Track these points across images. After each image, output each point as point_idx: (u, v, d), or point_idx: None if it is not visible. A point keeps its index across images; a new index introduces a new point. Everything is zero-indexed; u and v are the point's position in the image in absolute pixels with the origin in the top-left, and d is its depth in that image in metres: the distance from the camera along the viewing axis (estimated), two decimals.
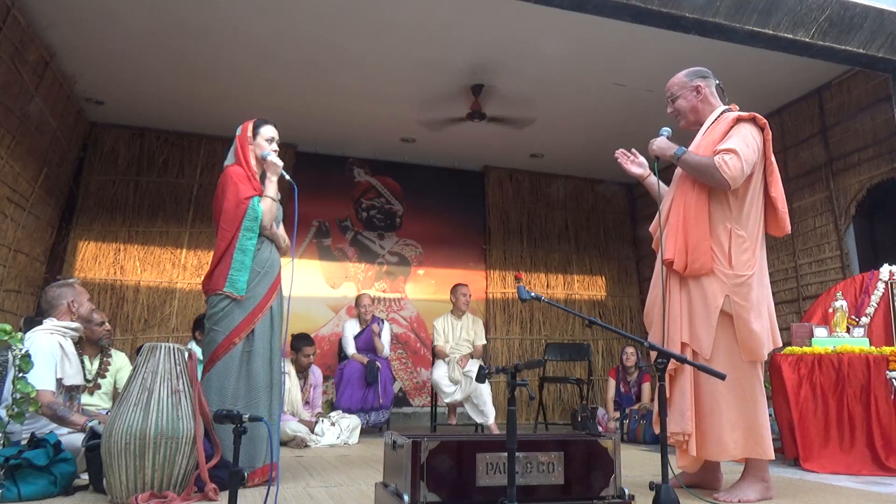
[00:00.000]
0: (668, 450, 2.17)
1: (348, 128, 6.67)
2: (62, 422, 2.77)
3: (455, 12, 4.59)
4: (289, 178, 2.96)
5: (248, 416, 1.92)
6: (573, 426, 5.99)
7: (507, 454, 1.74)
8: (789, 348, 3.68)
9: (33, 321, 3.30)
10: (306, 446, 4.38)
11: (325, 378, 5.70)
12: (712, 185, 2.62)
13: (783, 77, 5.39)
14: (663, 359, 2.20)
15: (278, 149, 3.04)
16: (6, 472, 2.34)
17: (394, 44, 5.02)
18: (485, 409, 5.17)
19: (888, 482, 3.07)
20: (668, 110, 2.91)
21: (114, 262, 6.33)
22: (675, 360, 2.36)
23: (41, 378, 2.68)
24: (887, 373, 3.44)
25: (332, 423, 4.67)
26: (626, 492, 2.04)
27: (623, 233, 8.26)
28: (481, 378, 1.94)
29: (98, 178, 6.41)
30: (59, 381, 2.81)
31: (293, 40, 4.97)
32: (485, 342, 5.70)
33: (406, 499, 1.85)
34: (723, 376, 2.20)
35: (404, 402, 6.99)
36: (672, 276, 2.71)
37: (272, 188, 2.91)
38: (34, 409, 2.63)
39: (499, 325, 7.47)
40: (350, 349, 5.50)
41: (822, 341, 3.70)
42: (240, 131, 3.00)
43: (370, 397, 5.24)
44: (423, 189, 7.59)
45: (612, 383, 5.85)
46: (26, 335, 2.78)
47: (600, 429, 5.48)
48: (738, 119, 2.66)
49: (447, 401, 5.36)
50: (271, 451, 2.67)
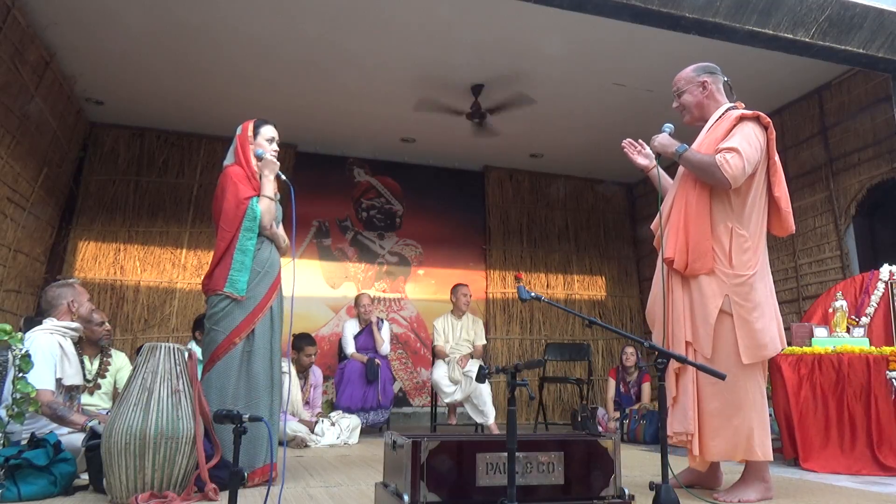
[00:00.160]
0: (667, 450, 2.17)
1: (348, 128, 6.67)
2: (62, 422, 2.77)
3: (455, 12, 4.60)
4: (284, 178, 2.96)
5: (248, 416, 1.92)
6: (573, 426, 5.99)
7: (507, 454, 1.74)
8: (789, 348, 3.67)
9: (33, 321, 3.30)
10: (306, 446, 4.38)
11: (326, 378, 5.69)
12: (713, 184, 2.61)
13: (783, 77, 5.39)
14: (663, 359, 2.20)
15: (278, 149, 3.04)
16: (6, 472, 2.34)
17: (394, 44, 5.02)
18: (485, 409, 5.17)
19: (888, 482, 3.07)
20: (674, 104, 2.89)
21: (114, 262, 6.33)
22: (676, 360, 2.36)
23: (41, 378, 2.68)
24: (887, 373, 3.44)
25: (332, 423, 4.67)
26: (626, 492, 2.04)
27: (623, 233, 8.26)
28: (481, 378, 1.93)
29: (98, 178, 6.41)
30: (58, 380, 2.80)
31: (293, 40, 4.97)
32: (485, 342, 5.70)
33: (406, 499, 1.85)
34: (723, 376, 2.19)
35: (404, 402, 6.99)
36: (675, 275, 2.69)
37: (269, 187, 2.90)
38: (34, 408, 2.63)
39: (499, 325, 7.47)
40: (350, 348, 5.50)
41: (822, 341, 3.70)
42: (240, 131, 3.00)
43: (370, 396, 5.24)
44: (423, 189, 7.59)
45: (612, 383, 5.85)
46: (26, 335, 2.78)
47: (600, 429, 5.48)
48: (742, 117, 2.64)
49: (447, 401, 5.36)
50: (272, 452, 2.67)
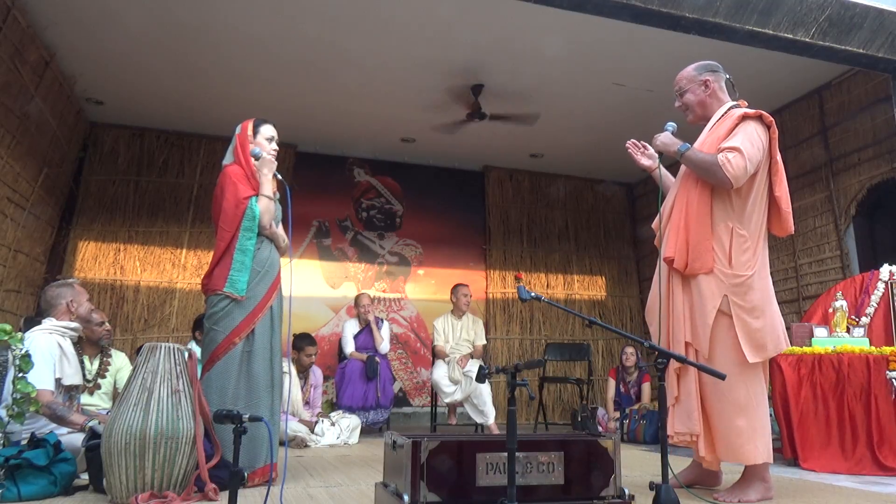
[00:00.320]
0: (668, 450, 2.17)
1: (348, 128, 6.67)
2: (62, 421, 2.77)
3: (455, 12, 4.59)
4: (280, 178, 2.95)
5: (248, 416, 1.92)
6: (573, 426, 5.99)
7: (507, 454, 1.74)
8: (789, 348, 3.67)
9: (33, 321, 3.30)
10: (306, 446, 4.38)
11: (326, 378, 5.69)
12: (715, 184, 2.59)
13: (783, 77, 5.39)
14: (663, 359, 2.20)
15: (277, 148, 3.04)
16: (6, 472, 2.34)
17: (394, 44, 5.02)
18: (485, 409, 5.17)
19: (888, 482, 3.07)
20: (676, 104, 2.87)
21: (114, 262, 6.33)
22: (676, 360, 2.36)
23: (40, 378, 2.68)
24: (887, 373, 3.44)
25: (332, 423, 4.67)
26: (626, 492, 2.04)
27: (623, 233, 8.26)
28: (481, 378, 1.93)
29: (98, 178, 6.41)
30: (58, 380, 2.80)
31: (293, 40, 4.97)
32: (485, 342, 5.70)
33: (406, 499, 1.85)
34: (722, 376, 2.19)
35: (404, 402, 6.99)
36: (675, 275, 2.69)
37: (268, 186, 2.89)
38: (34, 408, 2.63)
39: (499, 325, 7.47)
40: (349, 348, 5.50)
41: (822, 341, 3.70)
42: (239, 130, 2.99)
43: (370, 394, 5.24)
44: (423, 189, 7.59)
45: (611, 383, 5.85)
46: (25, 335, 2.78)
47: (600, 429, 5.48)
48: (745, 116, 2.62)
49: (447, 401, 5.36)
50: (272, 452, 2.67)
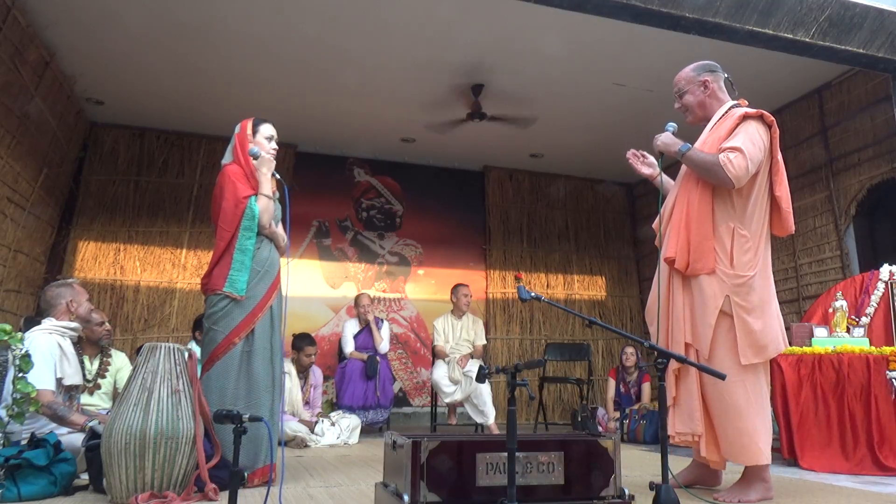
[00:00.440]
0: (668, 450, 2.17)
1: (348, 128, 6.67)
2: (62, 421, 2.77)
3: (455, 12, 4.59)
4: (279, 178, 2.95)
5: (248, 416, 1.92)
6: (573, 426, 5.99)
7: (507, 454, 1.74)
8: (789, 348, 3.67)
9: (33, 321, 3.30)
10: (306, 446, 4.38)
11: (326, 378, 5.70)
12: (716, 184, 2.59)
13: (783, 77, 5.39)
14: (663, 359, 2.20)
15: (277, 147, 3.03)
16: (6, 472, 2.34)
17: (394, 44, 5.02)
18: (485, 409, 5.17)
19: (888, 482, 3.07)
20: (676, 105, 2.86)
21: (114, 262, 6.33)
22: (675, 361, 2.36)
23: (40, 378, 2.68)
24: (887, 373, 3.44)
25: (332, 423, 4.67)
26: (626, 492, 2.04)
27: (623, 233, 8.26)
28: (481, 378, 1.93)
29: (98, 178, 6.41)
30: (58, 380, 2.80)
31: (293, 40, 4.97)
32: (485, 342, 5.70)
33: (406, 499, 1.85)
34: (722, 376, 2.19)
35: (404, 402, 6.99)
36: (675, 275, 2.68)
37: (266, 185, 2.88)
38: (34, 408, 2.63)
39: (499, 325, 7.47)
40: (349, 348, 5.50)
41: (822, 341, 3.70)
42: (238, 129, 2.99)
43: (370, 393, 5.25)
44: (423, 189, 7.59)
45: (612, 383, 5.85)
46: (25, 335, 2.78)
47: (600, 429, 5.48)
48: (746, 116, 2.61)
49: (447, 401, 5.36)
50: (272, 452, 2.67)
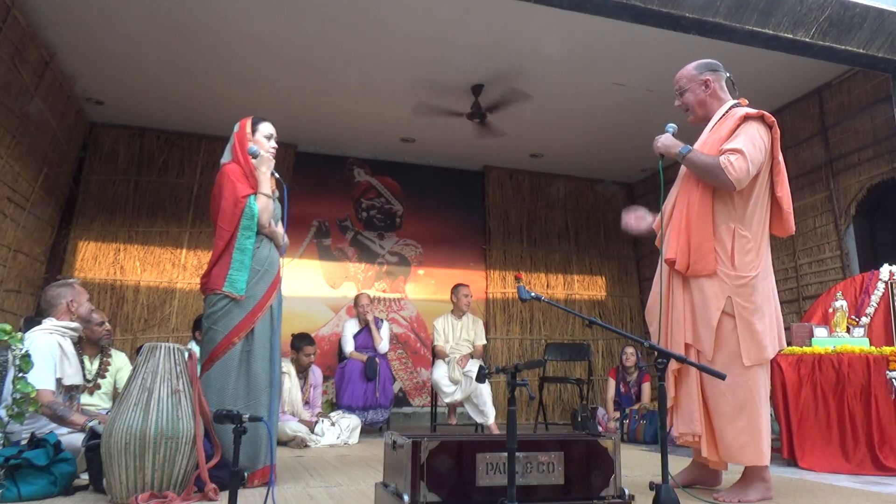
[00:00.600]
0: (668, 450, 2.17)
1: (348, 128, 6.67)
2: (62, 421, 2.77)
3: (455, 12, 4.59)
4: (277, 177, 2.95)
5: (248, 416, 1.92)
6: (573, 426, 5.99)
7: (507, 454, 1.74)
8: (789, 348, 3.68)
9: (33, 321, 3.30)
10: (306, 446, 4.38)
11: (325, 378, 5.70)
12: (717, 186, 2.58)
13: (783, 77, 5.39)
14: (663, 359, 2.20)
15: (276, 146, 3.03)
16: (6, 472, 2.34)
17: (394, 44, 5.02)
18: (485, 409, 5.17)
19: (888, 482, 3.07)
20: (676, 103, 2.85)
21: (114, 262, 6.33)
22: (675, 361, 2.36)
23: (41, 378, 2.68)
24: (887, 373, 3.44)
25: (332, 423, 4.67)
26: (626, 492, 2.04)
27: (623, 233, 8.15)
28: (481, 378, 1.93)
29: (98, 178, 6.41)
30: (58, 380, 2.81)
31: (293, 40, 4.97)
32: (485, 342, 5.70)
33: (406, 499, 1.85)
34: (723, 376, 2.19)
35: (404, 402, 6.99)
36: (675, 276, 2.68)
37: (266, 184, 2.87)
38: (34, 408, 2.63)
39: (499, 325, 7.47)
40: (349, 347, 5.51)
41: (822, 341, 3.70)
42: (237, 128, 2.97)
43: (370, 394, 5.25)
44: (423, 189, 7.59)
45: (611, 383, 5.85)
46: (25, 335, 2.78)
47: (600, 429, 5.48)
48: (746, 117, 2.59)
49: (447, 401, 5.36)
50: (272, 453, 2.67)
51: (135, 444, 2.24)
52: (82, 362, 3.18)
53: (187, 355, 2.50)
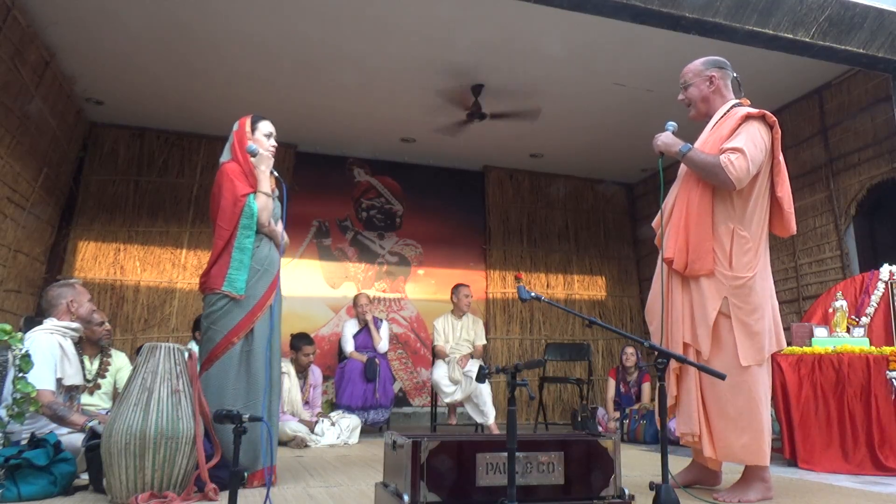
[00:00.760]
0: (668, 450, 2.17)
1: (348, 128, 6.67)
2: (62, 421, 2.77)
3: (455, 12, 4.59)
4: (277, 176, 2.94)
5: (247, 416, 1.92)
6: (573, 426, 5.99)
7: (507, 454, 1.74)
8: (789, 348, 3.68)
9: (33, 321, 3.30)
10: (306, 446, 4.38)
11: (325, 378, 5.70)
12: (717, 185, 2.57)
13: (783, 77, 5.39)
14: (663, 359, 2.20)
15: (276, 144, 3.02)
16: (6, 472, 2.34)
17: (394, 44, 5.02)
18: (485, 409, 5.17)
19: (888, 482, 3.07)
20: (679, 97, 2.84)
21: (114, 262, 6.33)
22: (675, 361, 2.36)
23: (41, 378, 2.68)
24: (887, 373, 3.44)
25: (332, 423, 4.67)
26: (626, 492, 2.04)
27: (623, 233, 8.26)
28: (481, 378, 1.93)
29: (98, 177, 6.41)
30: (58, 380, 2.80)
31: (293, 40, 4.97)
32: (485, 342, 5.70)
33: (406, 499, 1.85)
34: (722, 376, 2.19)
35: (404, 402, 6.99)
36: (675, 276, 2.68)
37: (265, 183, 2.86)
38: (34, 408, 2.63)
39: (499, 325, 7.47)
40: (349, 347, 5.51)
41: (822, 341, 3.70)
42: (237, 126, 2.96)
43: (370, 394, 5.25)
44: (423, 189, 7.59)
45: (612, 383, 5.85)
46: (26, 335, 2.78)
47: (600, 429, 5.48)
48: (747, 116, 2.59)
49: (447, 401, 5.36)
50: (271, 453, 2.67)
51: (135, 444, 2.24)
52: (82, 362, 3.18)
53: (187, 355, 2.50)
